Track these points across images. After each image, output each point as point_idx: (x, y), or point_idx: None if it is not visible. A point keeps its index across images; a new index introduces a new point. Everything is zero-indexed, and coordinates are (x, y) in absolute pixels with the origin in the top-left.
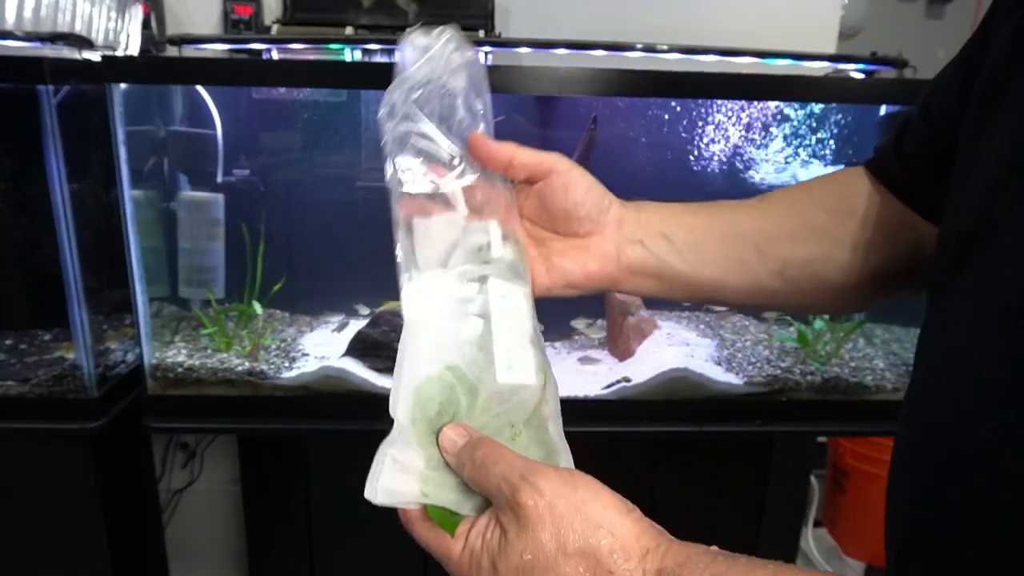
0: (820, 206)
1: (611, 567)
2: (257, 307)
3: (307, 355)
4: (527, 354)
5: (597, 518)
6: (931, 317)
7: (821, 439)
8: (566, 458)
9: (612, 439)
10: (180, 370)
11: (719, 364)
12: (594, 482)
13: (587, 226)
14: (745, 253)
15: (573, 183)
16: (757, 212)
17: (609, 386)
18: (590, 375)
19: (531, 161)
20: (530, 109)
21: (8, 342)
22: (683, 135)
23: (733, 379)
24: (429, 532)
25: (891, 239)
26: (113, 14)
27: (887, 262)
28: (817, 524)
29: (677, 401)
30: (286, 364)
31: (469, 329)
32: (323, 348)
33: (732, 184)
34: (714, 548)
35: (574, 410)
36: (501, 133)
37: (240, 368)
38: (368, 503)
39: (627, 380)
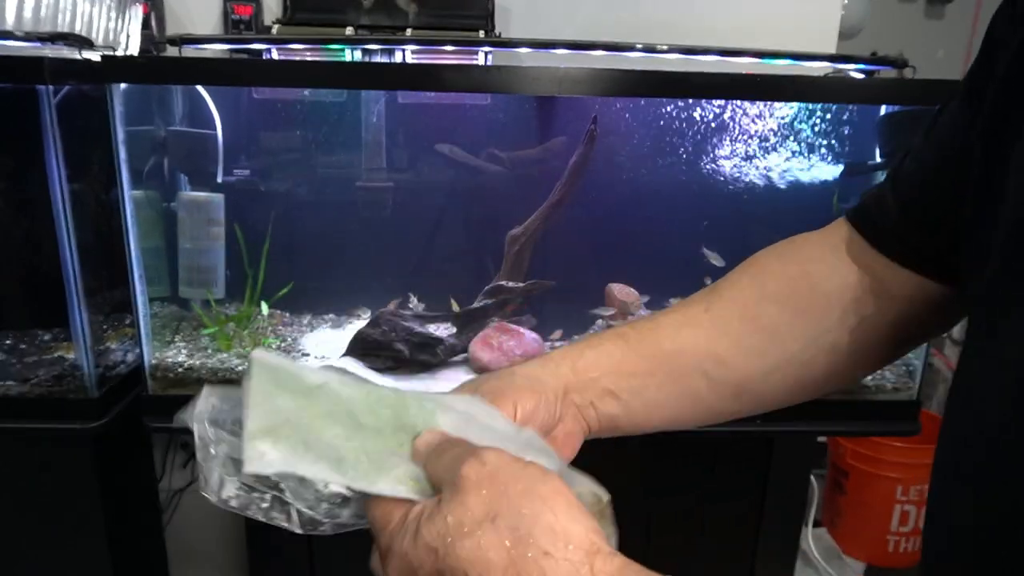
0: (775, 300)
1: (548, 548)
2: (264, 308)
3: (307, 355)
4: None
5: (542, 494)
6: (979, 340)
7: (821, 439)
8: None
9: (612, 439)
10: (180, 370)
11: None
12: (554, 473)
13: (549, 427)
14: (693, 385)
15: (529, 406)
16: (703, 329)
17: None
18: None
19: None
20: (530, 109)
21: (8, 342)
22: (682, 136)
23: None
24: (378, 504)
25: (871, 314)
26: (113, 14)
27: (868, 339)
28: (817, 524)
29: None
30: None
31: None
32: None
33: (731, 185)
34: None
35: None
36: (504, 134)
37: (240, 368)
38: None
39: None
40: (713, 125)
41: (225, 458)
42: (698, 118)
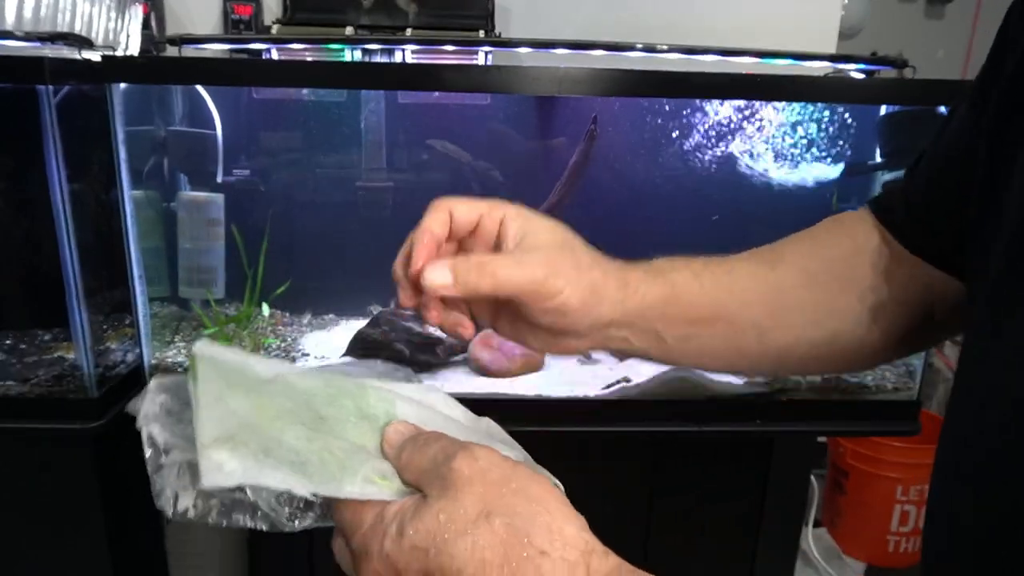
0: (831, 272)
1: (545, 547)
2: (265, 309)
3: (307, 355)
4: None
5: (535, 494)
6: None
7: (821, 439)
8: None
9: (612, 439)
10: (180, 370)
11: None
12: (540, 475)
13: (564, 333)
14: (744, 340)
15: (570, 310)
16: (769, 287)
17: (609, 386)
18: (590, 375)
19: (516, 284)
20: (530, 109)
21: (8, 342)
22: (682, 135)
23: (733, 379)
24: (347, 507)
25: (901, 301)
26: (113, 14)
27: (896, 327)
28: (817, 524)
29: (677, 401)
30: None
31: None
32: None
33: (730, 184)
34: None
35: (574, 411)
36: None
37: None
38: None
39: (627, 380)
40: (713, 125)
41: (180, 465)
42: (698, 118)
